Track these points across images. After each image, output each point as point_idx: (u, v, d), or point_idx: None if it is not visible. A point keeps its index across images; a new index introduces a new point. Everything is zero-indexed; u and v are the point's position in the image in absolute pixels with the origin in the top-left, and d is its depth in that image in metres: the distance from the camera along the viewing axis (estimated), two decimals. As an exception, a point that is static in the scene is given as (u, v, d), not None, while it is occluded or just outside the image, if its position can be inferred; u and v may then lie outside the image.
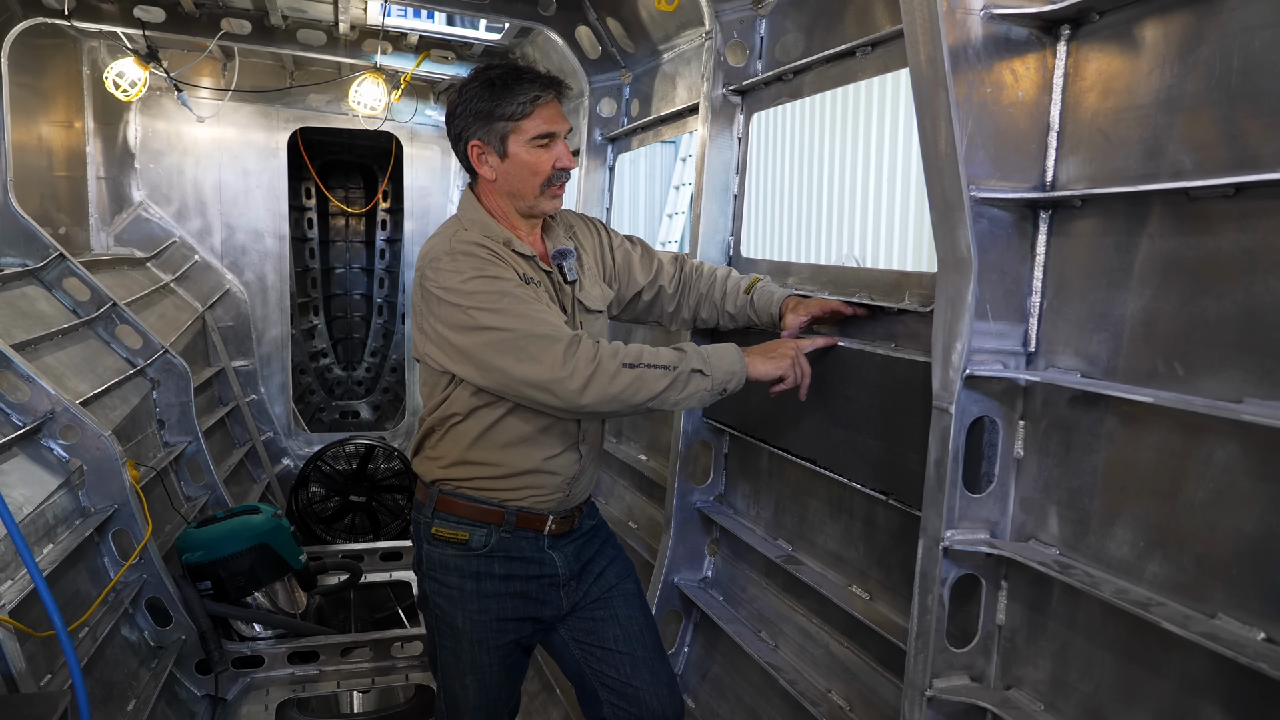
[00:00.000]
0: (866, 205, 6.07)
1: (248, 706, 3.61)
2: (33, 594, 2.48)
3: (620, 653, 2.33)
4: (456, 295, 2.02)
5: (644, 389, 1.97)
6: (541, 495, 2.22)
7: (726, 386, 2.07)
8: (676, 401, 2.02)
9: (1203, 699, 1.47)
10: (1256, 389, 1.38)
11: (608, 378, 1.95)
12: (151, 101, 5.68)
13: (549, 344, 1.96)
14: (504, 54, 5.34)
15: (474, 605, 2.22)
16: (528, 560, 2.24)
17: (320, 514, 5.71)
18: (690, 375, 2.01)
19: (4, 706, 2.10)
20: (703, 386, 2.03)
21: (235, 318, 6.13)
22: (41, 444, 3.12)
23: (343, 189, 7.80)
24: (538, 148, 2.14)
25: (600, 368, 1.95)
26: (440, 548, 2.24)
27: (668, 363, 2.00)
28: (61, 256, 4.06)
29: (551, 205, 2.22)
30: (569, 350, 1.96)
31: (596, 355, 1.96)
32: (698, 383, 2.02)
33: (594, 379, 1.95)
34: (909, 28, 1.72)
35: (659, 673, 2.36)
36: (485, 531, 2.20)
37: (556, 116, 2.16)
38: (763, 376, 2.14)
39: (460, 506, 2.21)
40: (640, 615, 2.40)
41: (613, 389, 1.96)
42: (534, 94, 2.11)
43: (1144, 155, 1.57)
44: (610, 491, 4.20)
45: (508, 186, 2.19)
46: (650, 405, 2.01)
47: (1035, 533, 1.81)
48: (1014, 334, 1.80)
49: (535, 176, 2.16)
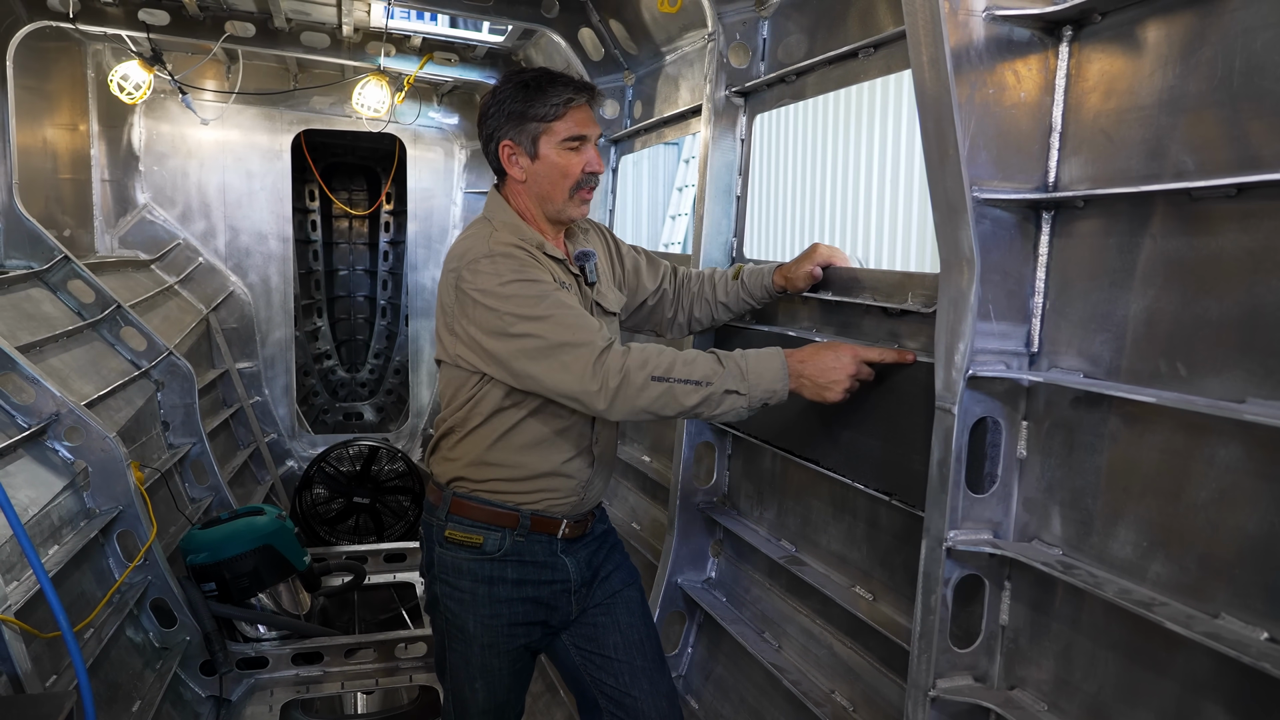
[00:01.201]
0: (869, 206, 6.06)
1: (252, 708, 3.61)
2: (38, 595, 2.49)
3: (620, 661, 2.31)
4: (494, 299, 2.01)
5: (673, 402, 1.93)
6: (557, 499, 2.21)
7: (766, 402, 1.97)
8: (711, 416, 2.00)
9: (1206, 699, 1.47)
10: (1259, 389, 1.38)
11: (635, 390, 1.93)
12: (156, 104, 5.70)
13: (580, 353, 1.95)
14: (507, 56, 5.36)
15: (486, 610, 2.21)
16: (541, 565, 2.23)
17: (324, 515, 5.72)
18: (724, 395, 1.94)
19: (10, 707, 2.11)
20: (739, 405, 1.96)
21: (239, 320, 6.14)
22: (47, 445, 3.13)
23: (346, 191, 7.81)
24: (568, 150, 2.14)
25: (627, 380, 1.92)
26: (453, 551, 2.22)
27: (701, 378, 1.93)
28: (66, 259, 4.07)
29: (579, 211, 2.21)
30: (598, 362, 1.94)
31: (624, 367, 1.93)
32: (733, 401, 1.95)
33: (620, 392, 1.93)
34: (911, 29, 1.72)
35: (658, 684, 2.33)
36: (499, 535, 2.19)
37: (588, 120, 2.16)
38: (816, 399, 2.01)
39: (475, 510, 2.20)
40: (642, 624, 2.38)
41: (639, 402, 1.93)
42: (567, 96, 2.12)
43: (1146, 156, 1.57)
44: (614, 493, 4.20)
45: (537, 189, 2.19)
46: (683, 416, 2.00)
47: (1038, 533, 1.81)
48: (1017, 334, 1.80)
49: (565, 179, 2.15)
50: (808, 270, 2.46)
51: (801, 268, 2.47)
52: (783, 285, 2.51)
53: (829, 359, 2.01)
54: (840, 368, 2.01)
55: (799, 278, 2.47)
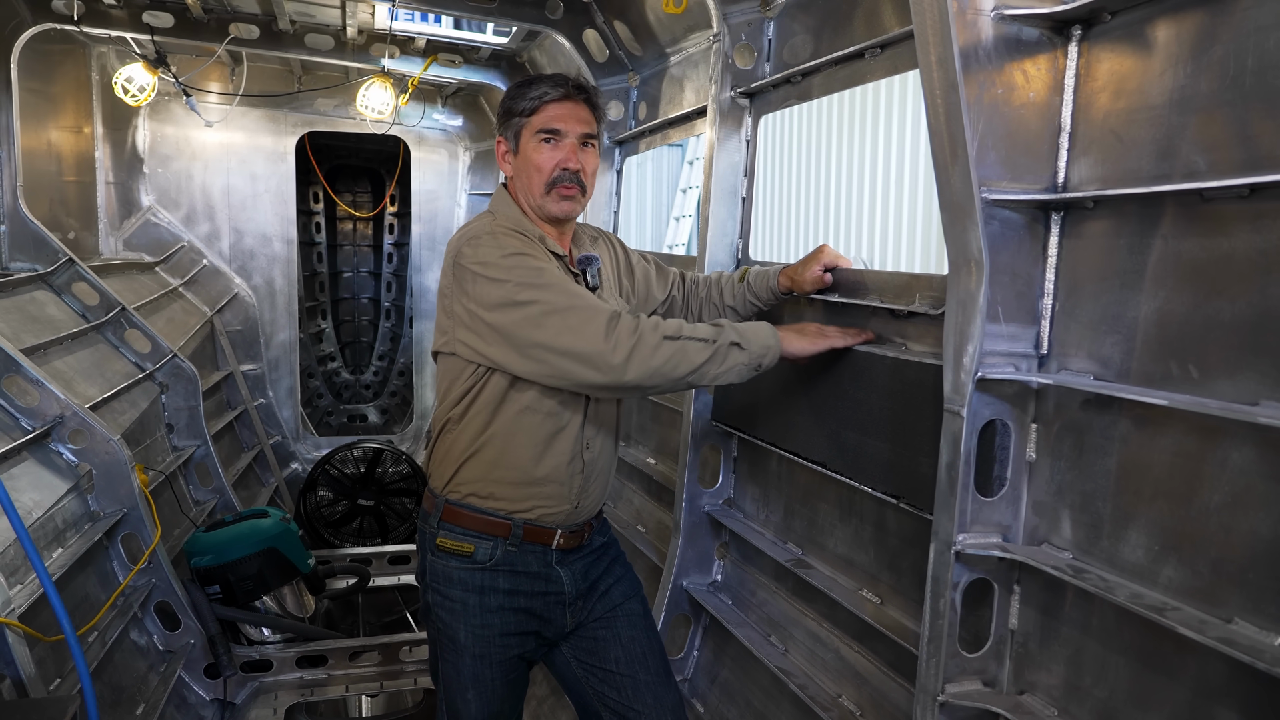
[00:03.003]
0: (876, 207, 6.05)
1: (256, 710, 3.61)
2: (42, 598, 2.49)
3: (622, 675, 2.27)
4: (496, 270, 2.01)
5: (685, 361, 1.97)
6: (549, 507, 2.19)
7: (762, 362, 2.07)
8: (715, 375, 2.02)
9: (1218, 704, 1.45)
10: (1272, 391, 1.36)
11: (650, 349, 1.95)
12: (160, 106, 5.71)
13: (591, 315, 1.96)
14: (511, 58, 5.35)
15: (477, 620, 2.18)
16: (534, 576, 2.21)
17: (328, 518, 5.72)
18: (729, 349, 2.01)
19: (14, 711, 2.11)
20: (740, 360, 2.03)
21: (243, 322, 6.15)
22: (51, 448, 3.13)
23: (350, 193, 7.82)
24: (542, 143, 2.15)
25: (642, 339, 1.95)
26: (444, 559, 2.20)
27: (707, 335, 2.01)
28: (71, 261, 4.08)
29: (559, 208, 2.18)
30: (611, 323, 1.95)
31: (638, 328, 1.96)
32: (736, 356, 2.02)
33: (636, 350, 1.94)
34: (919, 29, 1.71)
35: (662, 698, 2.29)
36: (491, 544, 2.17)
37: (566, 117, 2.15)
38: (798, 354, 2.17)
39: (466, 518, 2.18)
40: (644, 637, 2.34)
41: (654, 361, 1.95)
42: (543, 91, 2.15)
43: (1157, 156, 1.56)
44: (619, 495, 4.19)
45: (521, 184, 2.21)
46: (690, 380, 2.01)
47: (1048, 536, 1.79)
48: (1026, 336, 1.79)
49: (538, 174, 2.15)
50: (815, 273, 2.45)
51: (809, 270, 2.46)
52: (788, 287, 2.50)
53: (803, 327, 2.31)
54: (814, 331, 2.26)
55: (806, 280, 2.47)
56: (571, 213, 2.21)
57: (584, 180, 2.18)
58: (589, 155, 2.19)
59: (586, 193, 2.21)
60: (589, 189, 2.22)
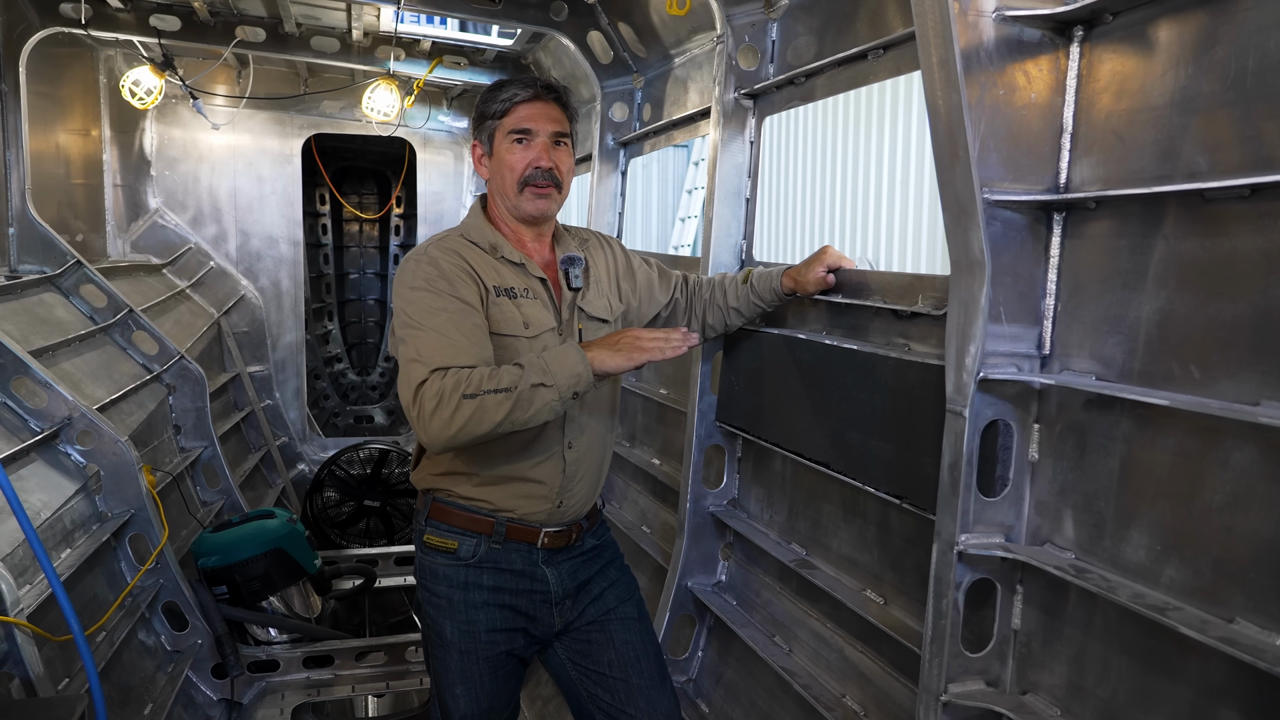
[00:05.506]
0: (879, 208, 6.05)
1: (263, 710, 3.63)
2: (50, 598, 2.50)
3: (615, 679, 2.28)
4: (400, 300, 2.09)
5: (486, 418, 1.91)
6: (530, 505, 2.19)
7: (576, 390, 1.98)
8: (528, 419, 1.96)
9: (1221, 704, 1.46)
10: (1274, 391, 1.36)
11: (449, 412, 1.91)
12: (167, 109, 5.74)
13: (412, 374, 1.96)
14: (516, 60, 5.37)
15: (462, 616, 2.20)
16: (518, 574, 2.22)
17: (335, 518, 5.74)
18: (532, 391, 1.93)
19: (22, 710, 2.12)
20: (550, 398, 1.95)
21: (250, 323, 6.17)
22: (59, 449, 3.15)
23: (356, 194, 7.84)
24: (514, 143, 2.17)
25: (442, 402, 1.91)
26: (431, 556, 2.23)
27: (508, 384, 1.93)
28: (79, 263, 4.10)
29: (534, 207, 2.18)
30: (421, 385, 1.94)
31: (441, 390, 1.92)
32: (543, 395, 1.94)
33: (437, 413, 1.92)
34: (921, 30, 1.71)
35: (656, 702, 2.28)
36: (474, 541, 2.19)
37: (537, 116, 2.16)
38: (614, 370, 2.01)
39: (452, 515, 2.21)
40: (638, 641, 2.33)
41: (455, 424, 1.91)
42: (514, 92, 2.17)
43: (1158, 156, 1.56)
44: (624, 496, 4.20)
45: (496, 186, 2.24)
46: (502, 429, 1.95)
47: (1050, 536, 1.80)
48: (1028, 337, 1.79)
49: (511, 174, 2.17)
50: (819, 274, 2.46)
51: (812, 270, 2.46)
52: (791, 288, 2.51)
53: (614, 338, 2.06)
54: (626, 342, 2.03)
55: (809, 281, 2.47)
56: (547, 210, 2.21)
57: (559, 178, 2.19)
58: (562, 153, 2.20)
59: (563, 190, 2.22)
60: (565, 187, 2.23)
